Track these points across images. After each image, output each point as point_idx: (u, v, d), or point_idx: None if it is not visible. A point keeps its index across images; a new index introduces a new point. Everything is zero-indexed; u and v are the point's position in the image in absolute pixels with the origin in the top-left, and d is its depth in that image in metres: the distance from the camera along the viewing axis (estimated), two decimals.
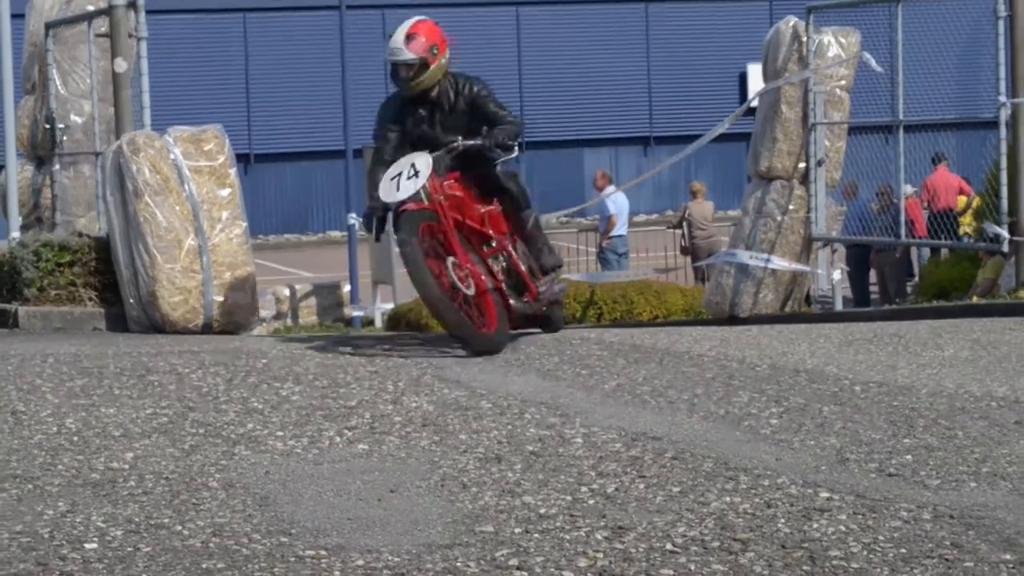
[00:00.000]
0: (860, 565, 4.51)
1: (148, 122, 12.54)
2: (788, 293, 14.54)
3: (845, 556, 4.58)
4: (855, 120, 14.66)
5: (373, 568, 4.45)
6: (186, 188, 11.48)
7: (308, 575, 4.40)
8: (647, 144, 38.15)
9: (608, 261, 21.90)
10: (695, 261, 21.65)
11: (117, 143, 11.89)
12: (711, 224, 23.12)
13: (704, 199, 23.54)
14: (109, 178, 11.75)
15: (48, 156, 13.86)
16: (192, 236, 11.43)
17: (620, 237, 21.97)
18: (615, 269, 21.30)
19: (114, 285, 11.89)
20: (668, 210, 34.94)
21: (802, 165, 14.34)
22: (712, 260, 16.33)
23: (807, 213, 14.34)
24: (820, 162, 14.28)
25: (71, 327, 11.72)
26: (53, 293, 12.01)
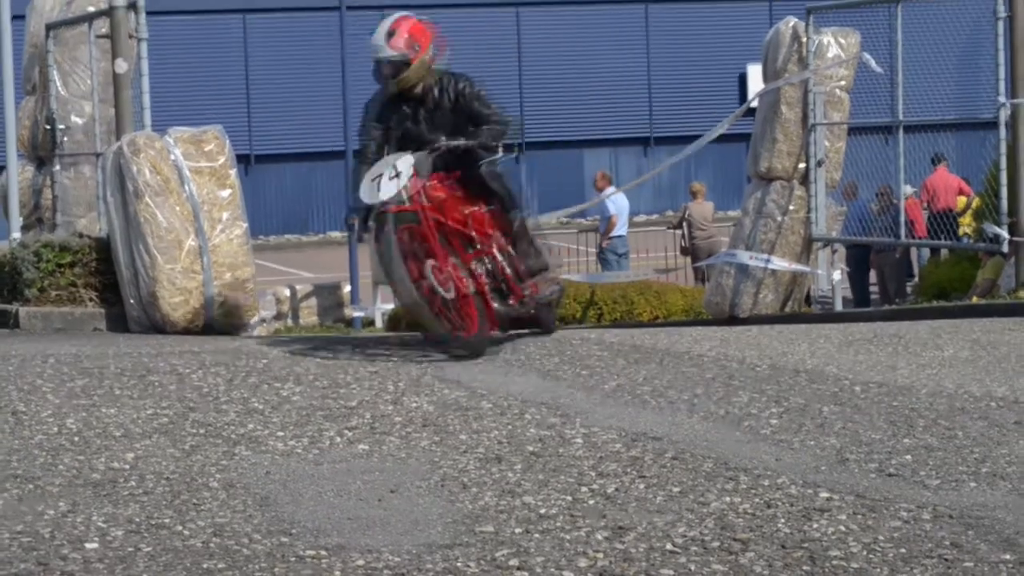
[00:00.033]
0: (860, 565, 4.51)
1: (148, 123, 12.55)
2: (788, 293, 14.55)
3: (845, 556, 4.59)
4: (855, 121, 14.66)
5: (373, 568, 4.45)
6: (186, 189, 11.49)
7: (309, 575, 4.41)
8: (647, 145, 38.14)
9: (608, 262, 21.89)
10: (695, 262, 21.64)
11: (118, 144, 11.90)
12: (711, 224, 23.11)
13: (704, 199, 23.53)
14: (110, 179, 11.76)
15: (49, 157, 13.87)
16: (192, 237, 11.44)
17: (620, 238, 21.96)
18: (615, 269, 21.29)
19: (115, 286, 11.90)
20: (668, 211, 34.93)
21: (802, 166, 14.35)
22: (712, 260, 16.33)
23: (807, 213, 14.35)
24: (820, 163, 14.29)
25: (72, 327, 11.73)
26: (54, 294, 12.02)
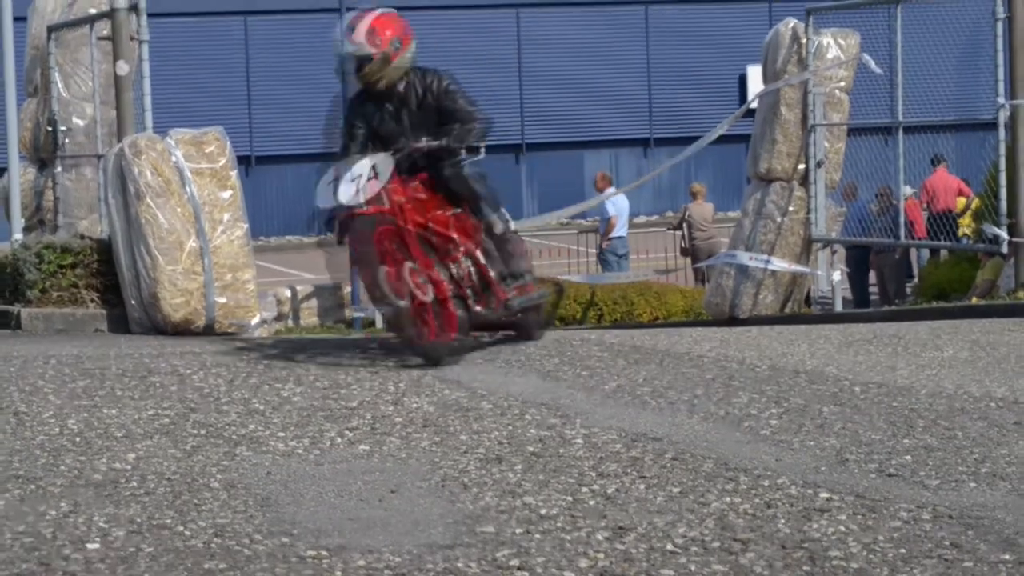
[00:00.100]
0: (860, 565, 4.52)
1: (150, 125, 12.56)
2: (788, 294, 14.56)
3: (845, 556, 4.60)
4: (854, 122, 14.68)
5: (374, 568, 4.46)
6: (188, 190, 11.50)
7: (310, 575, 4.42)
8: (647, 146, 38.12)
9: (608, 262, 21.90)
10: (695, 262, 21.65)
11: (119, 145, 11.91)
12: (711, 225, 23.12)
13: (704, 200, 23.55)
14: (111, 180, 11.77)
15: (50, 159, 13.87)
16: (194, 238, 11.45)
17: (620, 238, 21.97)
18: (615, 270, 21.31)
19: (116, 287, 11.91)
20: (668, 211, 34.94)
21: (802, 166, 14.36)
22: (712, 261, 16.35)
23: (807, 214, 14.36)
24: (819, 163, 14.30)
25: (73, 328, 11.74)
26: (55, 295, 12.03)
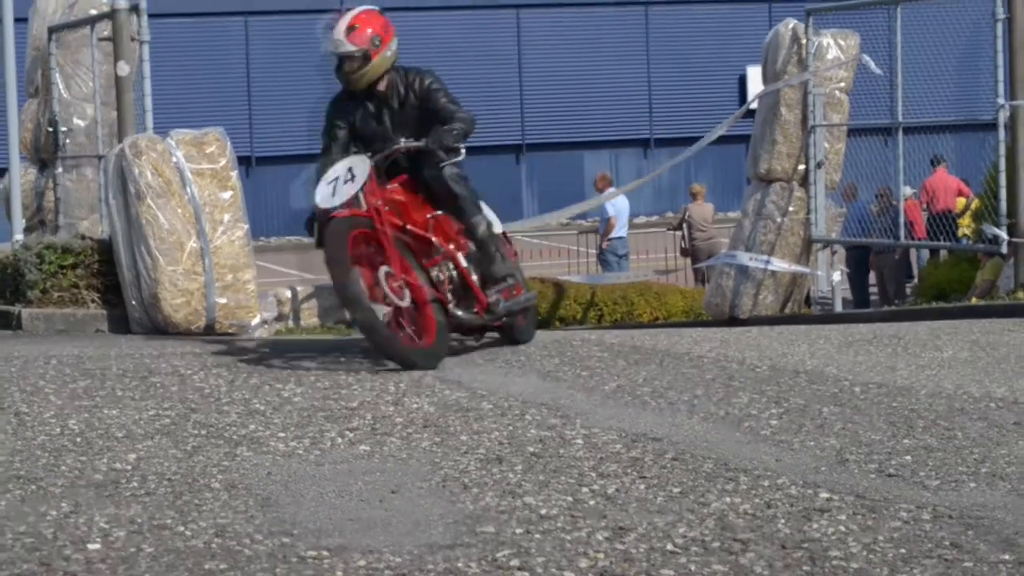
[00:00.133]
0: (860, 565, 4.53)
1: (150, 125, 12.56)
2: (788, 295, 14.57)
3: (845, 556, 4.60)
4: (854, 122, 14.69)
5: (375, 568, 4.47)
6: (188, 191, 11.50)
7: (310, 575, 4.42)
8: (647, 146, 38.14)
9: (608, 263, 21.92)
10: (695, 263, 21.67)
11: (119, 146, 11.91)
12: (711, 226, 23.13)
13: (704, 201, 23.56)
14: (111, 181, 11.77)
15: (51, 159, 13.88)
16: (194, 238, 11.45)
17: (620, 239, 21.98)
18: (615, 271, 21.32)
19: (116, 287, 11.91)
20: (668, 212, 34.96)
21: (801, 167, 14.37)
22: (712, 262, 16.36)
23: (807, 215, 14.37)
24: (819, 164, 14.31)
25: (74, 329, 11.74)
26: (56, 295, 12.03)
